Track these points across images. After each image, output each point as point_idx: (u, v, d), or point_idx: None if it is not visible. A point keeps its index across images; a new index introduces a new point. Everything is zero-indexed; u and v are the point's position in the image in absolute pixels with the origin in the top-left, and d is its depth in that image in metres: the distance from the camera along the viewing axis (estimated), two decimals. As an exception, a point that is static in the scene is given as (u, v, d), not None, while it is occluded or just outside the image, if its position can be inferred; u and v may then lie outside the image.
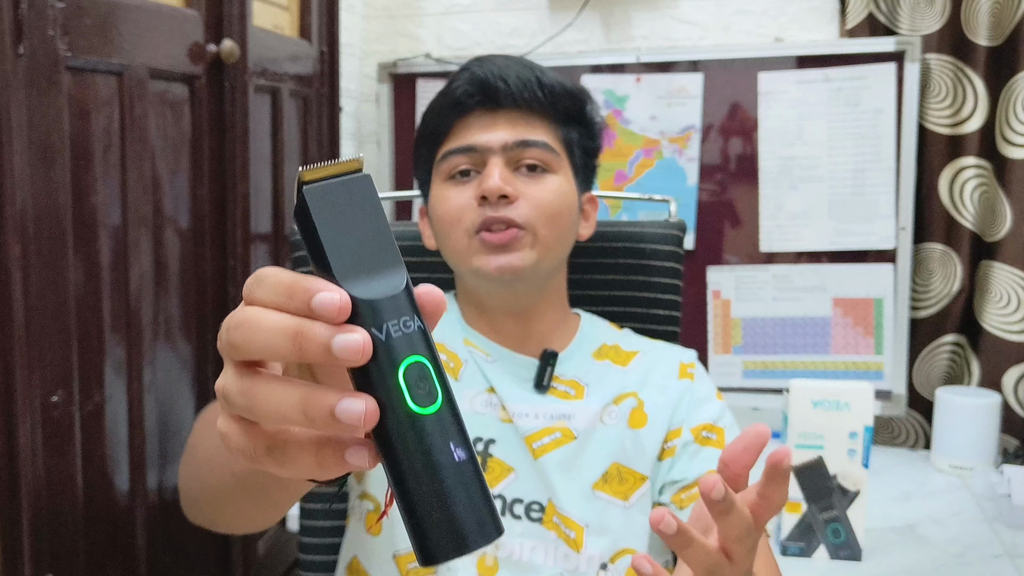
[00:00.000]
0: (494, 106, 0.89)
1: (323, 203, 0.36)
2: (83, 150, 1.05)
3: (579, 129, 0.94)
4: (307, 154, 1.66)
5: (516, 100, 0.89)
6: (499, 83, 0.88)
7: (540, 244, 0.88)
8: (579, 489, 0.88)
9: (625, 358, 0.98)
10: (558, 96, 0.91)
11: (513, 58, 0.92)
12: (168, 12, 1.20)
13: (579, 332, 0.98)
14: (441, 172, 0.92)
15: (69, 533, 1.04)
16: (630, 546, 0.88)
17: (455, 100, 0.90)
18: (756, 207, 1.83)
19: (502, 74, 0.88)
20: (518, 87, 0.88)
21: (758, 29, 1.90)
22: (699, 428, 0.92)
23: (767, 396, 1.84)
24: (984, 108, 1.72)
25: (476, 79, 0.89)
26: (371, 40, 2.13)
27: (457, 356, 0.95)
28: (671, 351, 1.00)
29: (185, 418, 1.30)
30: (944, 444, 1.67)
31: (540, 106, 0.90)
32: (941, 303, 1.79)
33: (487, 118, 0.90)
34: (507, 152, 0.89)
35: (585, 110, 0.94)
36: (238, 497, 0.63)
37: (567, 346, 0.96)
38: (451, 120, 0.91)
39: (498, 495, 0.88)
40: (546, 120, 0.91)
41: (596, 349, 0.98)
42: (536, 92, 0.89)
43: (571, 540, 0.86)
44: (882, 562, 1.31)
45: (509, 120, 0.89)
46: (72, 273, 1.03)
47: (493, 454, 0.89)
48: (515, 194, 0.87)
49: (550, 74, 0.91)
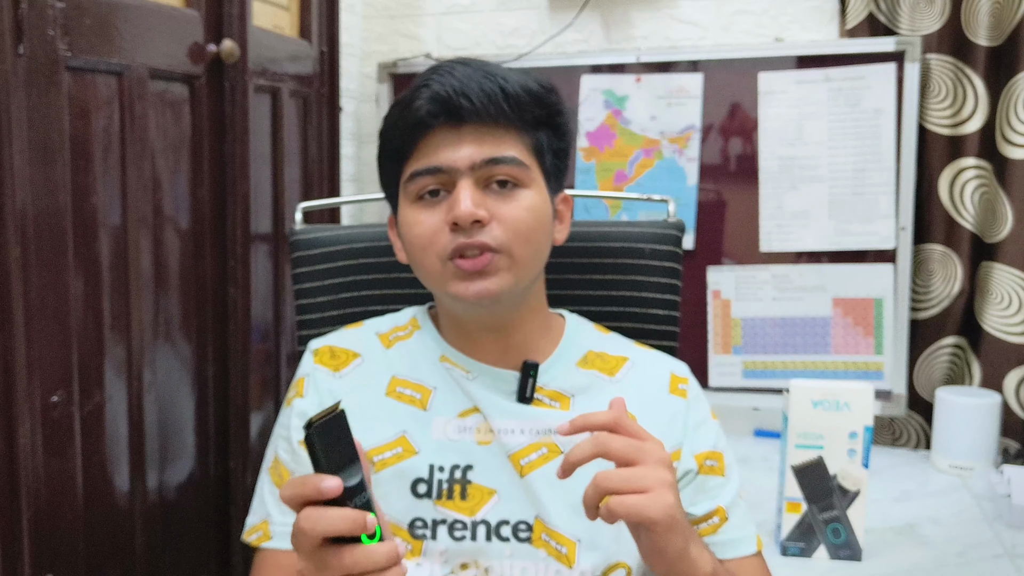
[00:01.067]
0: (458, 122, 0.85)
1: (321, 433, 0.63)
2: (83, 150, 1.05)
3: (547, 131, 0.89)
4: (307, 154, 1.66)
5: (481, 116, 0.84)
6: (462, 100, 0.83)
7: (516, 265, 0.85)
8: (569, 504, 0.86)
9: (613, 366, 0.96)
10: (524, 105, 0.86)
11: (473, 66, 0.86)
12: (168, 12, 1.20)
13: (563, 339, 0.96)
14: (409, 193, 0.87)
15: (69, 533, 1.04)
16: (621, 560, 0.87)
17: (417, 119, 0.85)
18: (756, 207, 1.83)
19: (464, 90, 0.83)
20: (482, 102, 0.83)
21: (758, 29, 1.90)
22: (702, 456, 0.92)
23: (767, 396, 1.84)
24: (984, 108, 1.72)
25: (438, 97, 0.84)
26: (371, 40, 2.14)
27: (424, 386, 0.92)
28: (662, 361, 0.98)
29: (185, 418, 1.30)
30: (944, 444, 1.67)
31: (506, 119, 0.85)
32: (941, 305, 1.79)
33: (452, 135, 0.85)
34: (476, 171, 0.84)
35: (552, 113, 0.89)
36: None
37: (549, 355, 0.94)
38: (414, 139, 0.86)
39: (482, 520, 0.86)
40: (513, 131, 0.87)
41: (581, 357, 0.96)
42: (501, 105, 0.84)
43: (562, 556, 0.85)
44: (882, 562, 1.31)
45: (475, 136, 0.85)
46: (72, 273, 1.03)
47: (472, 480, 0.87)
48: (487, 217, 0.83)
49: (513, 80, 0.86)
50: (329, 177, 1.74)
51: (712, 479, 0.92)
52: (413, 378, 0.93)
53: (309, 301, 1.12)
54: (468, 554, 0.85)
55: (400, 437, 0.89)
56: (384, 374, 0.93)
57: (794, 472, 1.30)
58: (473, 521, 0.86)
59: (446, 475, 0.87)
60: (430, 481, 0.87)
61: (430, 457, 0.88)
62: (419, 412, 0.91)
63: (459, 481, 0.87)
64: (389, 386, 0.93)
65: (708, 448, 0.93)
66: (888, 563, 1.31)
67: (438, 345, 0.95)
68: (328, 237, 1.13)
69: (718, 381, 1.86)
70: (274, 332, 1.54)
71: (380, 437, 0.89)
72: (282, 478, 0.91)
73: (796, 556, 1.32)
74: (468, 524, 0.86)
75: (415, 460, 0.88)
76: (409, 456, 0.88)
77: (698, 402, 0.96)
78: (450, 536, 0.85)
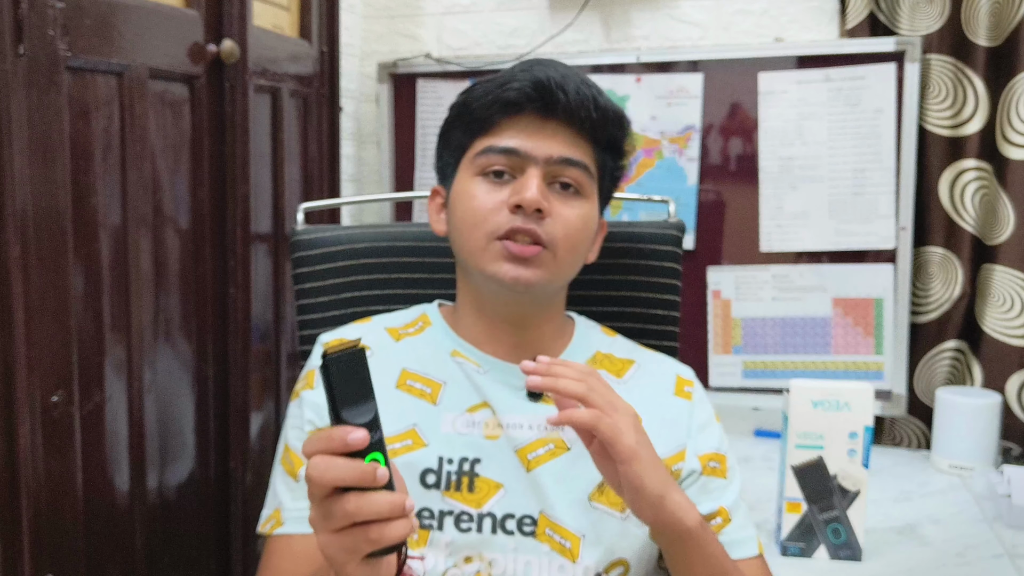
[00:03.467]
0: (547, 114, 0.87)
1: (337, 364, 0.60)
2: (83, 150, 1.05)
3: (613, 156, 0.93)
4: (307, 154, 1.66)
5: (571, 114, 0.87)
6: (559, 93, 0.86)
7: (557, 264, 0.88)
8: (575, 500, 0.87)
9: (620, 368, 0.97)
10: (608, 121, 0.90)
11: (573, 70, 0.90)
12: (168, 12, 1.20)
13: (573, 340, 0.98)
14: (475, 165, 0.89)
15: (69, 533, 1.04)
16: (624, 557, 0.87)
17: (510, 99, 0.87)
18: (756, 207, 1.83)
19: (563, 84, 0.86)
20: (576, 101, 0.86)
21: (758, 29, 1.90)
22: (706, 457, 0.92)
23: (767, 396, 1.84)
24: (985, 109, 1.72)
25: (537, 82, 0.86)
26: (371, 40, 2.14)
27: (434, 381, 0.93)
28: (668, 364, 1.00)
29: (185, 418, 1.30)
30: (944, 444, 1.67)
31: (590, 126, 0.88)
32: (941, 308, 1.79)
33: (537, 124, 0.88)
34: (549, 165, 0.87)
35: (623, 137, 0.93)
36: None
37: (560, 354, 0.96)
38: (499, 115, 0.88)
39: (488, 513, 0.87)
40: (590, 141, 0.90)
41: (590, 357, 0.97)
42: (591, 112, 0.87)
43: (566, 550, 0.86)
44: (882, 562, 1.31)
45: (558, 132, 0.88)
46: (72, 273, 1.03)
47: (479, 473, 0.88)
48: (548, 210, 0.86)
49: (605, 96, 0.90)
50: (329, 177, 1.74)
51: (715, 480, 0.92)
52: (423, 372, 0.94)
53: (310, 301, 1.12)
54: (473, 547, 0.86)
55: (410, 430, 0.90)
56: (394, 366, 0.94)
57: (794, 472, 1.30)
58: (479, 513, 0.86)
59: (455, 467, 0.88)
60: (439, 472, 0.88)
61: (439, 449, 0.89)
62: (429, 406, 0.91)
63: (467, 473, 0.88)
64: (399, 378, 0.93)
65: (712, 450, 0.93)
66: (888, 563, 1.31)
67: (450, 340, 0.96)
68: (329, 237, 1.13)
69: (718, 381, 1.86)
70: (274, 332, 1.54)
71: (390, 429, 0.89)
72: (294, 467, 0.91)
73: (796, 556, 1.32)
74: (474, 516, 0.86)
75: (424, 452, 0.88)
76: (418, 448, 0.89)
77: (703, 404, 0.97)
78: (456, 527, 0.86)
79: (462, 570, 0.85)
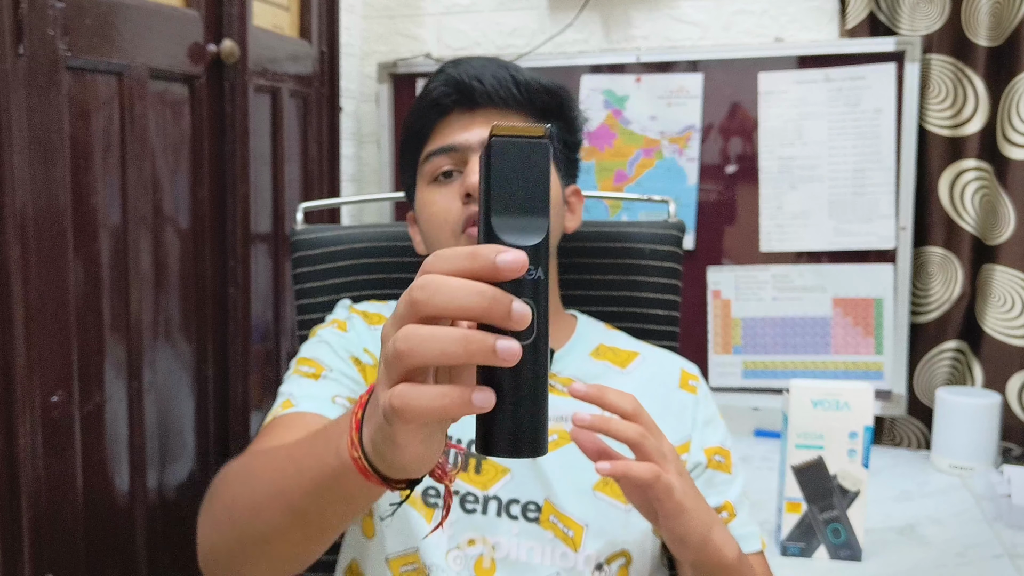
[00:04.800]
0: (471, 105, 0.90)
1: (501, 154, 0.43)
2: (83, 150, 1.05)
3: (558, 124, 0.95)
4: (307, 154, 1.66)
5: (492, 99, 0.90)
6: (474, 83, 0.89)
7: None
8: (579, 489, 0.88)
9: (624, 359, 0.98)
10: (535, 92, 0.92)
11: (488, 58, 0.93)
12: (168, 12, 1.20)
13: (576, 332, 0.99)
14: (424, 175, 0.93)
15: (69, 533, 1.04)
16: (626, 548, 0.88)
17: (433, 101, 0.91)
18: (756, 207, 1.83)
19: (477, 74, 0.89)
20: (493, 86, 0.89)
21: (758, 29, 1.90)
22: (712, 451, 0.93)
23: (767, 396, 1.84)
24: (985, 109, 1.72)
25: (452, 80, 0.90)
26: (371, 40, 2.13)
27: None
28: (672, 358, 1.00)
29: (185, 418, 1.30)
30: (944, 444, 1.67)
31: (517, 104, 0.91)
32: (941, 308, 1.79)
33: (465, 118, 0.90)
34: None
35: (563, 105, 0.95)
36: (291, 533, 0.63)
37: (563, 345, 0.96)
38: (431, 122, 0.92)
39: (493, 496, 0.87)
40: (524, 117, 0.92)
41: (594, 349, 0.98)
42: (512, 90, 0.90)
43: (569, 539, 0.87)
44: (882, 562, 1.31)
45: (487, 119, 0.90)
46: (72, 273, 1.03)
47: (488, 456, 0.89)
48: None
49: (526, 72, 0.92)
50: (329, 177, 1.74)
51: (720, 475, 0.93)
52: None
53: (310, 301, 1.12)
54: (477, 529, 0.86)
55: None
56: None
57: (794, 472, 1.30)
58: (485, 495, 0.87)
59: (463, 447, 0.89)
60: (447, 451, 0.88)
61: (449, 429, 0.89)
62: None
63: (475, 455, 0.89)
64: None
65: (717, 444, 0.94)
66: (888, 563, 1.31)
67: None
68: (329, 237, 1.13)
69: (718, 381, 1.86)
70: (274, 332, 1.54)
71: None
72: (316, 372, 0.89)
73: (796, 556, 1.32)
74: (480, 498, 0.87)
75: None
76: None
77: (707, 399, 0.98)
78: (461, 508, 0.87)
79: (464, 552, 0.85)
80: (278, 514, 0.63)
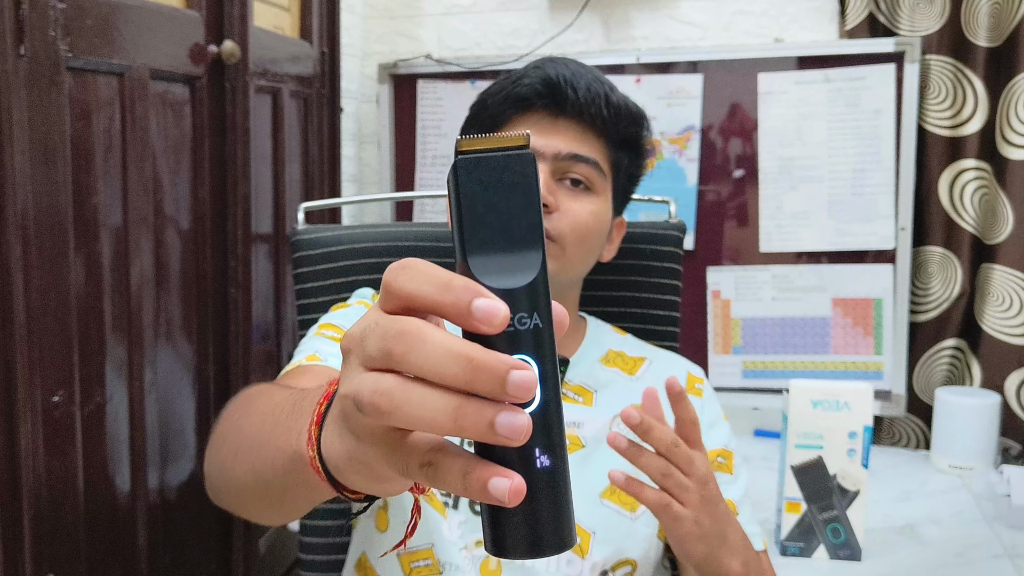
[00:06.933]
0: (557, 111, 0.87)
1: (473, 176, 0.34)
2: (84, 150, 1.05)
3: (629, 154, 0.93)
4: (308, 154, 1.66)
5: (580, 111, 0.87)
6: (568, 90, 0.86)
7: (565, 259, 0.87)
8: (586, 496, 0.88)
9: (632, 365, 0.98)
10: (621, 118, 0.89)
11: (586, 67, 0.89)
12: (169, 13, 1.20)
13: (586, 338, 0.98)
14: None
15: (70, 533, 1.04)
16: (631, 556, 0.88)
17: (520, 95, 0.87)
18: (756, 207, 1.84)
19: (574, 81, 0.86)
20: (586, 99, 0.86)
21: (758, 29, 1.90)
22: (714, 453, 0.93)
23: (767, 396, 1.84)
24: (984, 110, 1.72)
25: (547, 79, 0.87)
26: (371, 41, 2.14)
27: None
28: (679, 361, 1.01)
29: (185, 418, 1.30)
30: (944, 444, 1.67)
31: (601, 123, 0.88)
32: (941, 307, 1.79)
33: (547, 121, 0.88)
34: (557, 161, 0.87)
35: (641, 136, 0.93)
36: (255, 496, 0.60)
37: (575, 352, 0.96)
38: (511, 112, 0.89)
39: None
40: (602, 138, 0.89)
41: (603, 355, 0.98)
42: (602, 109, 0.87)
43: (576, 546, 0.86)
44: (882, 562, 1.31)
45: (568, 129, 0.87)
46: (73, 273, 1.03)
47: None
48: (555, 205, 0.86)
49: (618, 92, 0.89)
50: (330, 177, 1.74)
51: (721, 476, 0.93)
52: None
53: (311, 301, 1.12)
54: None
55: None
56: None
57: (794, 472, 1.30)
58: None
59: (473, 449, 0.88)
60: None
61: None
62: None
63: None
64: None
65: (720, 446, 0.95)
66: (888, 563, 1.31)
67: None
68: (330, 237, 1.13)
69: (718, 381, 1.86)
70: (274, 332, 1.54)
71: None
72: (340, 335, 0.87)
73: (796, 556, 1.32)
74: None
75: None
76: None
77: (712, 402, 0.98)
78: (471, 509, 0.86)
79: (472, 552, 0.86)
80: (247, 473, 0.59)
